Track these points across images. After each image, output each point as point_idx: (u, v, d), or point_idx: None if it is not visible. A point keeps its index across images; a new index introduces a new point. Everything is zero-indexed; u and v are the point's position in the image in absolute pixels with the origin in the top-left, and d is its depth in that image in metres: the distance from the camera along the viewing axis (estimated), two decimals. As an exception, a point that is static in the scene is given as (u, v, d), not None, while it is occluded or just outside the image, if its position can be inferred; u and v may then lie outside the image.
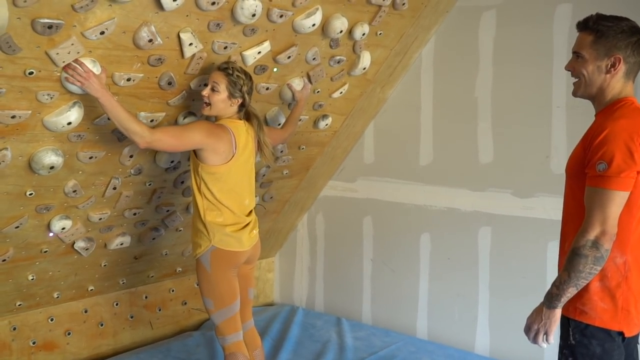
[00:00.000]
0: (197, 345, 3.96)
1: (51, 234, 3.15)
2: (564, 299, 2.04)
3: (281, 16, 2.92)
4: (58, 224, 3.10)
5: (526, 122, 3.66)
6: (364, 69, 3.68)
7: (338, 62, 3.52)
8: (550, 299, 2.07)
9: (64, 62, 2.41)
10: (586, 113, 3.43)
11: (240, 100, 2.94)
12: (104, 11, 2.37)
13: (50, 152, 2.72)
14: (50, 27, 2.26)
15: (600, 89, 2.15)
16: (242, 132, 2.95)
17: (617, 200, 1.97)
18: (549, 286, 3.56)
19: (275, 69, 3.28)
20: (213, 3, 2.60)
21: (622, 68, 2.10)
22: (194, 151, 2.88)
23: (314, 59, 3.35)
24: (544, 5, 3.52)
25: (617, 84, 2.13)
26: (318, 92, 3.67)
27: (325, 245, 4.71)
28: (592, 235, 1.97)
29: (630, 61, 2.10)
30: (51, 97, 2.51)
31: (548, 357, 3.61)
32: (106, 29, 2.41)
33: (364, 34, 3.39)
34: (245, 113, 3.03)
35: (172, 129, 2.85)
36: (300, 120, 3.73)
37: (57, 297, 3.56)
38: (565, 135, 3.50)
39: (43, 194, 2.92)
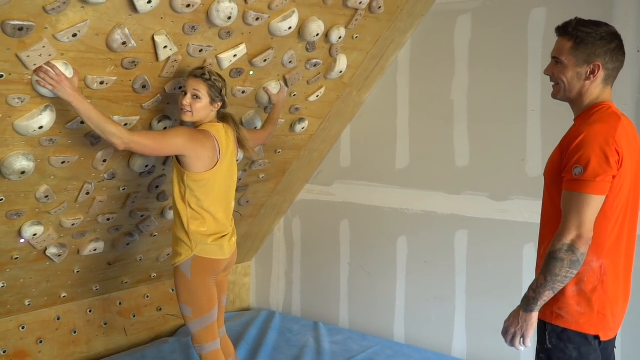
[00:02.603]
0: (173, 352, 3.91)
1: (22, 240, 3.09)
2: (541, 303, 2.05)
3: (257, 19, 2.90)
4: (29, 230, 3.04)
5: (502, 125, 3.68)
6: (341, 72, 3.67)
7: (314, 66, 3.51)
8: (527, 303, 2.08)
9: (35, 65, 2.36)
10: (561, 117, 3.46)
11: (220, 104, 2.91)
12: (76, 13, 2.33)
13: (21, 156, 2.66)
14: (20, 29, 2.21)
15: (579, 94, 2.16)
16: (222, 134, 2.93)
17: (593, 205, 1.99)
18: (525, 288, 3.60)
19: (251, 72, 3.26)
20: (188, 5, 2.57)
21: (601, 74, 2.12)
22: (178, 160, 2.83)
23: (290, 62, 3.34)
24: (518, 9, 3.55)
25: (596, 89, 2.14)
26: (294, 95, 3.65)
27: (302, 250, 4.69)
28: (568, 239, 1.98)
29: (609, 67, 2.12)
30: (22, 101, 2.46)
31: (524, 359, 3.63)
32: (79, 31, 2.37)
33: (340, 37, 3.38)
34: (221, 115, 3.00)
35: (153, 133, 2.81)
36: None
37: (29, 304, 3.49)
38: (540, 138, 3.53)
39: (14, 199, 2.86)
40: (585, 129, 2.04)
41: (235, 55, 3.03)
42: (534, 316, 2.07)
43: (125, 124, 2.91)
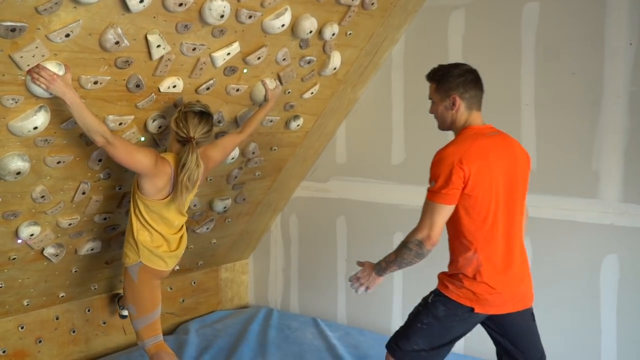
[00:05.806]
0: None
1: (19, 241, 3.10)
2: (389, 272, 2.60)
3: (250, 17, 2.91)
4: (26, 231, 3.05)
5: (495, 120, 3.64)
6: (335, 69, 3.68)
7: (308, 63, 3.51)
8: (379, 269, 2.61)
9: (28, 65, 2.37)
10: (555, 111, 3.48)
11: (173, 131, 3.00)
12: (68, 13, 2.33)
13: (17, 157, 2.67)
14: (13, 30, 2.22)
15: (452, 122, 2.61)
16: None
17: (441, 212, 2.43)
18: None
19: (245, 70, 3.26)
20: (180, 4, 2.58)
21: (460, 103, 2.55)
22: (136, 177, 2.94)
23: (284, 59, 3.34)
24: (511, 3, 3.56)
25: (462, 116, 2.58)
26: (289, 92, 3.66)
27: (299, 246, 4.70)
28: (419, 236, 2.45)
29: (465, 97, 2.55)
30: (16, 102, 2.47)
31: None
32: (71, 31, 2.38)
33: (333, 34, 3.39)
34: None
35: (130, 144, 2.85)
36: (271, 121, 3.72)
37: (27, 304, 3.50)
38: (534, 132, 3.53)
39: (10, 200, 2.87)
40: (442, 150, 2.51)
41: (228, 54, 3.04)
42: (380, 278, 2.64)
43: (120, 124, 2.92)
